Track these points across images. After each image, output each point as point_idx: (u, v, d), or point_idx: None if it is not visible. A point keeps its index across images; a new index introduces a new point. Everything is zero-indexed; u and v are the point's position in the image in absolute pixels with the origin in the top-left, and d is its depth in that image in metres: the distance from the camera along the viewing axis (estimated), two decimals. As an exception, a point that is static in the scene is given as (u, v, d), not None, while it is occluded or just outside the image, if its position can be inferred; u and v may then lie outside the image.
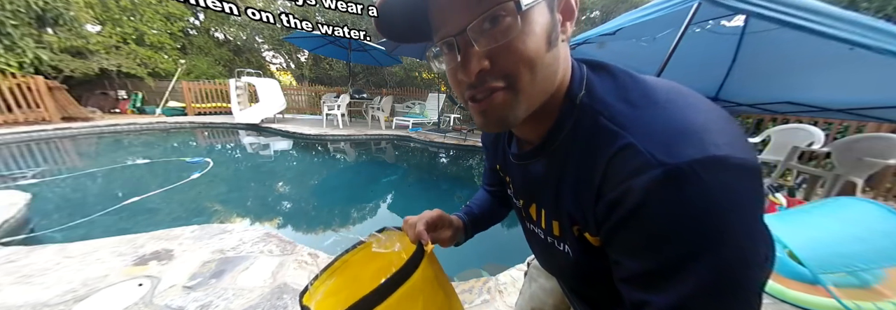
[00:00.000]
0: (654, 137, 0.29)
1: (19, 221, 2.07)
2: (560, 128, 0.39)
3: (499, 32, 0.32)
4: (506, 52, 0.33)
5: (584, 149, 0.36)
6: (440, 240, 0.57)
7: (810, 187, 2.88)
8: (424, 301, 0.43)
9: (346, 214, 2.92)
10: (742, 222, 0.27)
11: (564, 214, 0.41)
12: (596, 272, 0.42)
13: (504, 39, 0.33)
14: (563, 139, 0.39)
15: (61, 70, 6.46)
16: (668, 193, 0.27)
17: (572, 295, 0.56)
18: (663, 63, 1.76)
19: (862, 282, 1.28)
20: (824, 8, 1.39)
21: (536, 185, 0.45)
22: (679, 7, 1.67)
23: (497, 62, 0.34)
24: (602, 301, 0.49)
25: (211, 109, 8.08)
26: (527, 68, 0.34)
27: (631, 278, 0.32)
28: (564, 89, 0.38)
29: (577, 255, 0.42)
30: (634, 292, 0.31)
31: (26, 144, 4.62)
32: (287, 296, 1.40)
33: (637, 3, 8.13)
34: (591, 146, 0.35)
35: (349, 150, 5.77)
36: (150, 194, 2.85)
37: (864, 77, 2.20)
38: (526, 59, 0.33)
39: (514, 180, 0.52)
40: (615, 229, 0.32)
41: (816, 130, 3.56)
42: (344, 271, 0.51)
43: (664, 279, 0.29)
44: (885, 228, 1.33)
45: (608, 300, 0.45)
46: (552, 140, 0.40)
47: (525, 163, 0.46)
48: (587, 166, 0.35)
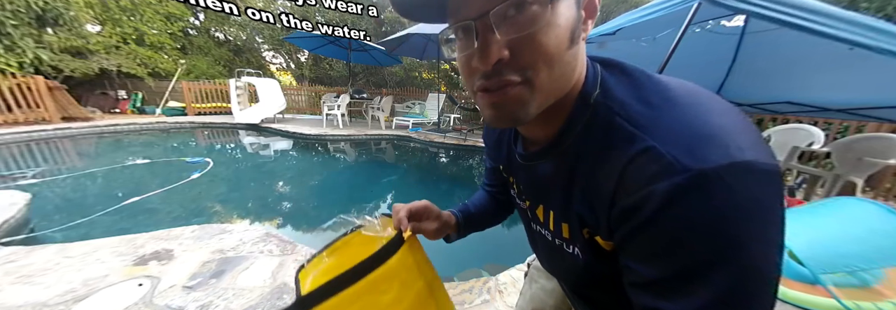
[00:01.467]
0: (676, 139, 0.28)
1: (19, 221, 2.07)
2: (571, 127, 0.37)
3: (524, 21, 0.31)
4: (528, 44, 0.32)
5: (597, 150, 0.35)
6: (423, 231, 0.57)
7: (810, 187, 2.88)
8: (400, 286, 0.43)
9: (346, 215, 2.92)
10: (764, 230, 0.26)
11: (574, 216, 0.39)
12: (604, 276, 0.41)
13: (529, 30, 0.31)
14: (575, 139, 0.37)
15: (61, 70, 6.46)
16: (694, 199, 0.26)
17: (575, 297, 0.55)
18: (663, 63, 1.76)
19: (862, 282, 1.28)
20: (824, 8, 1.39)
21: (545, 186, 0.44)
22: (679, 7, 1.67)
23: (517, 54, 0.32)
24: (607, 304, 0.49)
25: (211, 109, 8.08)
26: (546, 64, 0.33)
27: (645, 284, 0.31)
28: (579, 88, 0.37)
29: (587, 258, 0.41)
30: (647, 298, 0.31)
31: (26, 144, 4.63)
32: (287, 296, 1.40)
33: (637, 3, 8.14)
34: (606, 147, 0.33)
35: (349, 150, 5.76)
36: (150, 194, 2.85)
37: (864, 77, 2.20)
38: (547, 54, 0.32)
39: (520, 181, 0.51)
40: (632, 234, 0.31)
41: (816, 130, 3.56)
42: (342, 251, 0.52)
43: (680, 287, 0.28)
44: (886, 229, 1.33)
45: (615, 304, 0.45)
46: (563, 140, 0.38)
47: (532, 163, 0.45)
48: (601, 169, 0.34)
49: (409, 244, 0.47)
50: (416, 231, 0.55)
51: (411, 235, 0.51)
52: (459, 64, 0.37)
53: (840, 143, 3.00)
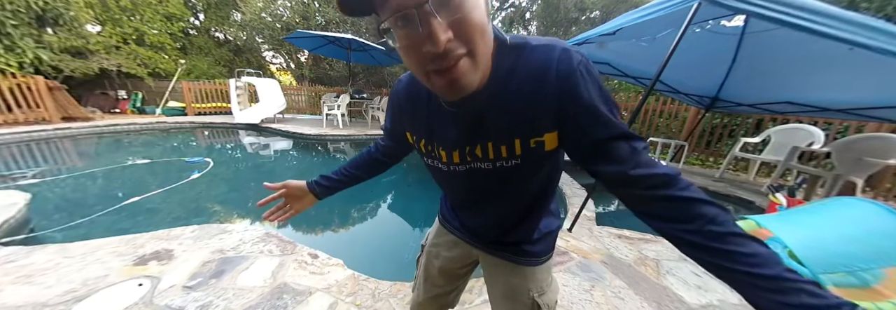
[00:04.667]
0: (564, 44, 0.47)
1: (19, 221, 2.07)
2: (498, 67, 0.47)
3: (459, 5, 0.37)
4: (465, 23, 0.38)
5: (527, 68, 0.47)
6: (300, 211, 0.82)
7: (810, 187, 2.88)
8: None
9: (346, 215, 2.91)
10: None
11: (521, 130, 0.50)
12: (530, 175, 0.57)
13: (464, 11, 0.38)
14: (503, 73, 0.47)
15: (61, 70, 6.46)
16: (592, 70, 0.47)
17: (486, 222, 0.69)
18: (663, 63, 1.75)
19: (862, 282, 1.28)
20: (824, 8, 1.39)
21: (480, 124, 0.53)
22: (679, 7, 1.66)
23: (458, 32, 0.38)
24: (513, 213, 0.65)
25: (211, 109, 8.08)
26: (480, 36, 0.40)
27: (616, 136, 0.46)
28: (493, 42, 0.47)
29: (524, 162, 0.54)
30: (624, 148, 0.46)
31: (26, 144, 4.63)
32: (287, 296, 1.40)
33: (637, 3, 8.13)
34: (534, 61, 0.46)
35: (349, 150, 5.76)
36: (150, 194, 2.85)
37: (864, 77, 2.20)
38: (480, 28, 0.40)
39: (448, 135, 0.57)
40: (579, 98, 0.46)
41: (816, 130, 3.56)
42: None
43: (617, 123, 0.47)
44: (885, 229, 1.33)
45: (522, 208, 0.64)
46: (494, 78, 0.48)
47: (465, 110, 0.52)
48: (534, 76, 0.46)
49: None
50: (296, 213, 0.81)
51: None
52: (405, 51, 0.41)
53: (840, 143, 3.00)
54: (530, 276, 0.70)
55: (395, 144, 0.78)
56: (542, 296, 0.70)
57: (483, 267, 0.79)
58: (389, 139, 0.78)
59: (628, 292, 1.58)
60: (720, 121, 5.03)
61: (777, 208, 2.21)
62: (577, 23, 9.24)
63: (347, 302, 1.39)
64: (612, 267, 1.80)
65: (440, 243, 0.83)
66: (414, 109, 0.61)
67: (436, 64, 0.40)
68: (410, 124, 0.64)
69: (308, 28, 9.09)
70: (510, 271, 0.72)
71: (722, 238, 0.38)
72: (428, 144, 0.62)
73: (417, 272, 0.91)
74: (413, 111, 0.62)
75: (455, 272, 0.84)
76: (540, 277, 0.71)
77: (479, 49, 0.41)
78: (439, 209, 0.86)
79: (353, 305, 1.38)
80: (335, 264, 1.67)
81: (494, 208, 0.66)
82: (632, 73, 3.43)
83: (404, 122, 0.66)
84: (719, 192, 3.53)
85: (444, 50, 0.38)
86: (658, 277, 1.75)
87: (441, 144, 0.59)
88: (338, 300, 1.40)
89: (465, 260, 0.81)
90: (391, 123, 0.72)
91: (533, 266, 0.71)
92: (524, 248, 0.69)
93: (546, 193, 0.65)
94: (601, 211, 2.83)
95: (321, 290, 1.46)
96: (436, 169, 0.66)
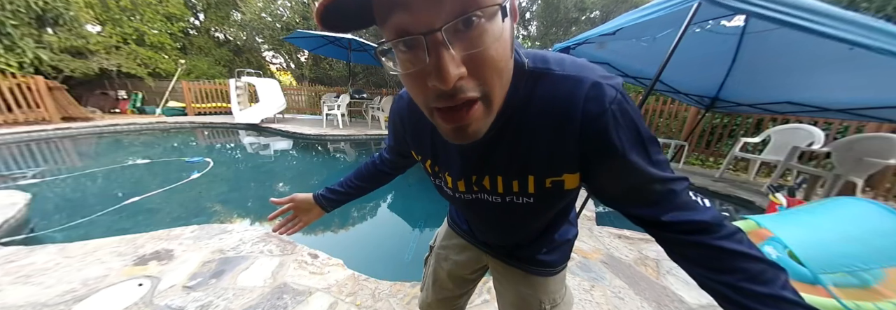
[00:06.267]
0: (602, 75, 0.39)
1: (19, 221, 2.07)
2: (513, 95, 0.40)
3: (478, 37, 0.30)
4: (483, 59, 0.31)
5: (544, 103, 0.40)
6: (309, 222, 0.80)
7: (810, 187, 2.88)
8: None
9: (346, 215, 2.91)
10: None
11: (535, 170, 0.45)
12: (543, 210, 0.54)
13: (483, 46, 0.30)
14: (515, 111, 0.42)
15: (61, 70, 6.46)
16: (631, 108, 0.40)
17: (497, 229, 0.64)
18: (663, 63, 1.75)
19: (862, 282, 1.28)
20: (824, 8, 1.39)
21: (490, 158, 0.47)
22: (679, 7, 1.66)
23: (473, 70, 0.31)
24: (525, 236, 0.62)
25: (211, 109, 8.08)
26: (498, 77, 0.33)
27: (651, 180, 0.41)
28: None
29: (537, 202, 0.50)
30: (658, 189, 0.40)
31: (26, 144, 4.62)
32: (287, 296, 1.40)
33: (637, 3, 8.13)
34: (555, 97, 0.39)
35: (349, 150, 5.76)
36: (150, 194, 2.85)
37: (865, 77, 2.20)
38: (499, 68, 0.33)
39: (453, 164, 0.53)
40: (609, 139, 0.40)
41: (816, 130, 3.56)
42: None
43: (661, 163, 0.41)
44: (885, 228, 1.33)
45: (536, 232, 0.61)
46: (507, 107, 0.40)
47: (472, 144, 0.45)
48: (554, 114, 0.40)
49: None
50: (305, 226, 0.80)
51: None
52: (408, 80, 0.34)
53: (840, 143, 3.00)
54: (542, 287, 0.66)
55: (398, 159, 0.75)
56: (555, 308, 0.67)
57: (492, 274, 0.76)
58: (393, 155, 0.75)
59: (628, 292, 1.58)
60: (720, 121, 5.03)
61: (777, 208, 2.21)
62: (577, 23, 9.23)
63: (347, 302, 1.39)
64: (612, 267, 1.81)
65: (449, 245, 0.81)
66: (417, 131, 0.56)
67: (441, 102, 0.33)
68: (415, 145, 0.59)
69: (308, 28, 9.10)
70: (521, 281, 0.68)
71: (759, 299, 0.33)
72: (434, 166, 0.57)
73: (426, 273, 0.89)
74: (416, 133, 0.56)
75: (465, 277, 0.81)
76: (553, 288, 0.67)
77: (495, 92, 0.34)
78: (448, 210, 0.84)
79: (353, 305, 1.38)
80: (335, 264, 1.67)
81: (507, 231, 0.62)
82: (632, 73, 3.42)
83: (408, 142, 0.61)
84: (719, 192, 3.54)
85: (453, 88, 0.31)
86: (658, 277, 1.75)
87: (447, 170, 0.55)
88: (338, 300, 1.40)
89: (474, 265, 0.78)
90: (394, 141, 0.67)
91: (546, 277, 0.66)
92: (538, 257, 0.65)
93: (566, 210, 0.62)
94: (601, 211, 2.83)
95: (321, 290, 1.46)
96: (442, 191, 0.61)
